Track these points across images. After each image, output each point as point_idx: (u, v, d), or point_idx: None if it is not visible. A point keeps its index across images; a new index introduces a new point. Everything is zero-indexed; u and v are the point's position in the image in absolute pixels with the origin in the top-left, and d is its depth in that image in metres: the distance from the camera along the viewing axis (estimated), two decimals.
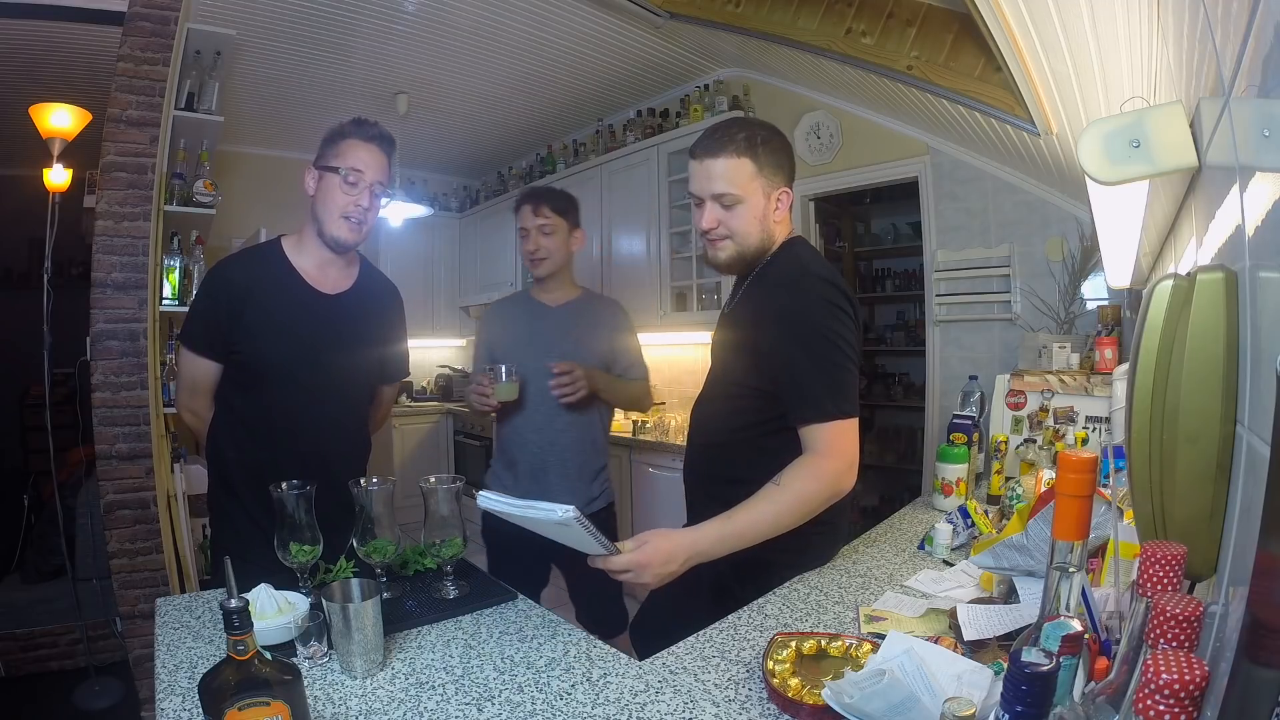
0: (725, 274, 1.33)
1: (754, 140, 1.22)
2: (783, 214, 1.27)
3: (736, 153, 1.20)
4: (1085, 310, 2.56)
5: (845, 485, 1.17)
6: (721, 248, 1.26)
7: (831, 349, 1.16)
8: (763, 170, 1.22)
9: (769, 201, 1.24)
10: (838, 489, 1.16)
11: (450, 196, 5.62)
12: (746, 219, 1.23)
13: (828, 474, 1.14)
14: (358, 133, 1.43)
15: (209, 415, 1.52)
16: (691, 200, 1.29)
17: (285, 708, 0.69)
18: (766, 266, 1.29)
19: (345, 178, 1.39)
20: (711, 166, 1.21)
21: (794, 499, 1.13)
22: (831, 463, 1.14)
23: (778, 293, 1.22)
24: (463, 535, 1.18)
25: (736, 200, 1.22)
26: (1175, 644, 0.42)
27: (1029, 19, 1.51)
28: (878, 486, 4.73)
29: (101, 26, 2.58)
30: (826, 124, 3.38)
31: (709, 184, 1.22)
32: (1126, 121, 0.67)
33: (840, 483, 1.16)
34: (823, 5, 2.51)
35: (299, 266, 1.47)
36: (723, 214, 1.23)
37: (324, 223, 1.42)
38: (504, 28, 3.18)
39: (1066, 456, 0.63)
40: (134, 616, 2.42)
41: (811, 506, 1.14)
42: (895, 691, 0.73)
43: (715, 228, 1.23)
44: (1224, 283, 0.54)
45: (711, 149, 1.22)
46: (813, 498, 1.14)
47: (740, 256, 1.26)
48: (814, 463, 1.14)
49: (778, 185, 1.25)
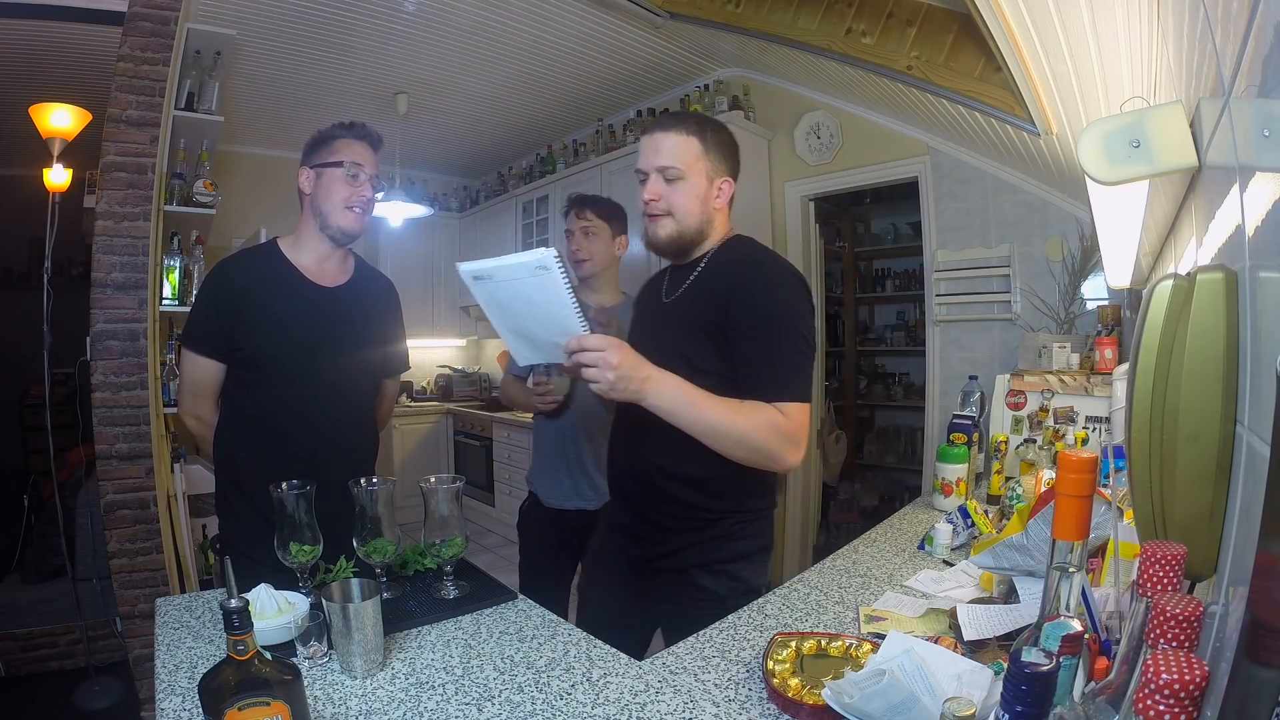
0: (662, 254, 1.34)
1: (704, 124, 1.27)
2: (723, 203, 1.30)
3: (686, 131, 1.24)
4: (1085, 310, 2.56)
5: (790, 457, 1.19)
6: (662, 225, 1.27)
7: (803, 340, 1.21)
8: (709, 153, 1.25)
9: (711, 186, 1.27)
10: (783, 453, 1.18)
11: (450, 196, 5.62)
12: (688, 196, 1.25)
13: (784, 433, 1.16)
14: (350, 132, 1.48)
15: (213, 420, 1.52)
16: (637, 177, 1.31)
17: (285, 708, 0.69)
18: (721, 255, 1.30)
19: (348, 170, 1.44)
20: (660, 140, 1.25)
21: (748, 422, 1.15)
22: (790, 427, 1.17)
23: (752, 280, 1.23)
24: (463, 535, 1.18)
25: (679, 175, 1.24)
26: (1175, 644, 0.42)
27: (1029, 19, 1.51)
28: (878, 486, 4.73)
29: (101, 26, 2.58)
30: (826, 124, 3.38)
31: (655, 157, 1.25)
32: (1126, 121, 0.67)
33: (787, 450, 1.17)
34: (823, 5, 2.51)
35: (298, 264, 1.49)
36: (665, 188, 1.25)
37: (327, 215, 1.45)
38: (504, 28, 3.18)
39: (1066, 456, 0.63)
40: (134, 616, 2.42)
41: (756, 443, 1.16)
42: (895, 691, 0.73)
43: (657, 200, 1.26)
44: (1224, 283, 0.54)
45: (663, 125, 1.27)
46: (762, 438, 1.16)
47: (679, 236, 1.28)
48: (777, 416, 1.16)
49: (722, 173, 1.28)
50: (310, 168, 1.47)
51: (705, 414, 1.14)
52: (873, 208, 4.91)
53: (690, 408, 1.13)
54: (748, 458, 1.18)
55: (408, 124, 4.14)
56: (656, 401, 1.12)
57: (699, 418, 1.14)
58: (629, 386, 1.09)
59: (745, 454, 1.17)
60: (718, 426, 1.14)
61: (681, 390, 1.13)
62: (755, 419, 1.15)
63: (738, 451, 1.17)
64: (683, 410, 1.13)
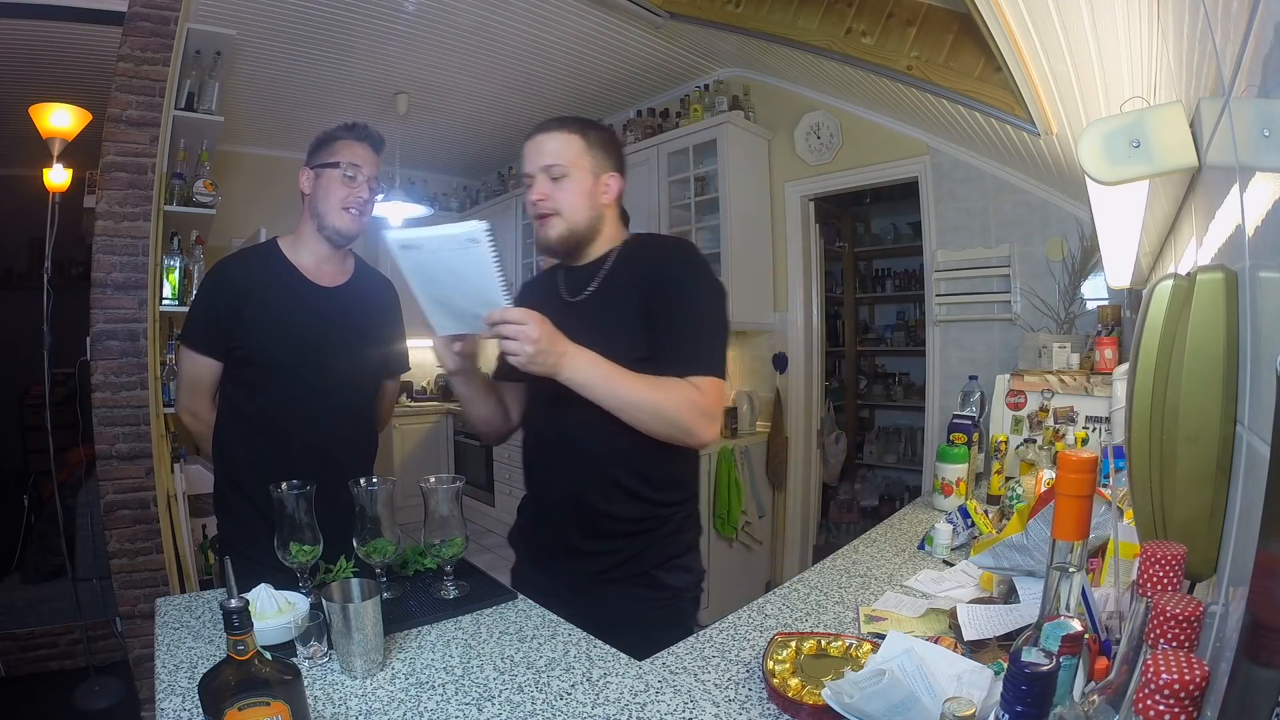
0: (555, 255, 1.34)
1: (584, 123, 1.29)
2: (610, 199, 1.31)
3: (567, 130, 1.26)
4: (1085, 310, 2.56)
5: (704, 431, 1.20)
6: (552, 224, 1.27)
7: (722, 320, 1.27)
8: (591, 149, 1.27)
9: (597, 182, 1.28)
10: (696, 427, 1.19)
11: (450, 196, 5.62)
12: (574, 193, 1.26)
13: (698, 406, 1.19)
14: (350, 133, 1.48)
15: (209, 417, 1.53)
16: (524, 182, 1.31)
17: (285, 708, 0.69)
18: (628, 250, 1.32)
19: (345, 171, 1.44)
20: (543, 142, 1.26)
21: (663, 394, 1.17)
22: (705, 401, 1.19)
23: (673, 266, 1.27)
24: (463, 535, 1.18)
25: (564, 173, 1.25)
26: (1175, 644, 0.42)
27: (1029, 19, 1.51)
28: (878, 486, 4.73)
29: (101, 26, 2.58)
30: (826, 124, 3.38)
31: (539, 158, 1.26)
32: (1126, 121, 0.67)
33: (700, 423, 1.19)
34: (823, 5, 2.51)
35: (297, 263, 1.50)
36: (551, 187, 1.26)
37: (324, 216, 1.46)
38: (504, 28, 3.18)
39: (1066, 456, 0.63)
40: (134, 616, 2.42)
41: (670, 416, 1.18)
42: (895, 691, 0.73)
43: (544, 200, 1.26)
44: (1224, 283, 0.54)
45: (543, 127, 1.28)
46: (676, 410, 1.17)
47: (571, 234, 1.28)
48: (693, 390, 1.19)
49: (607, 168, 1.29)
50: (310, 168, 1.48)
51: (620, 387, 1.15)
52: (873, 208, 4.91)
53: (606, 380, 1.15)
54: (663, 431, 1.19)
55: (408, 124, 4.14)
56: (573, 375, 1.13)
57: (615, 391, 1.15)
58: (546, 360, 1.10)
59: (660, 428, 1.19)
60: (634, 399, 1.16)
61: (597, 365, 1.15)
62: (670, 392, 1.17)
63: (653, 425, 1.18)
64: (599, 383, 1.15)
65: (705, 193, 3.60)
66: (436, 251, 1.08)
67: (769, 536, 3.71)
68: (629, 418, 1.17)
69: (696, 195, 3.63)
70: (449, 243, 1.05)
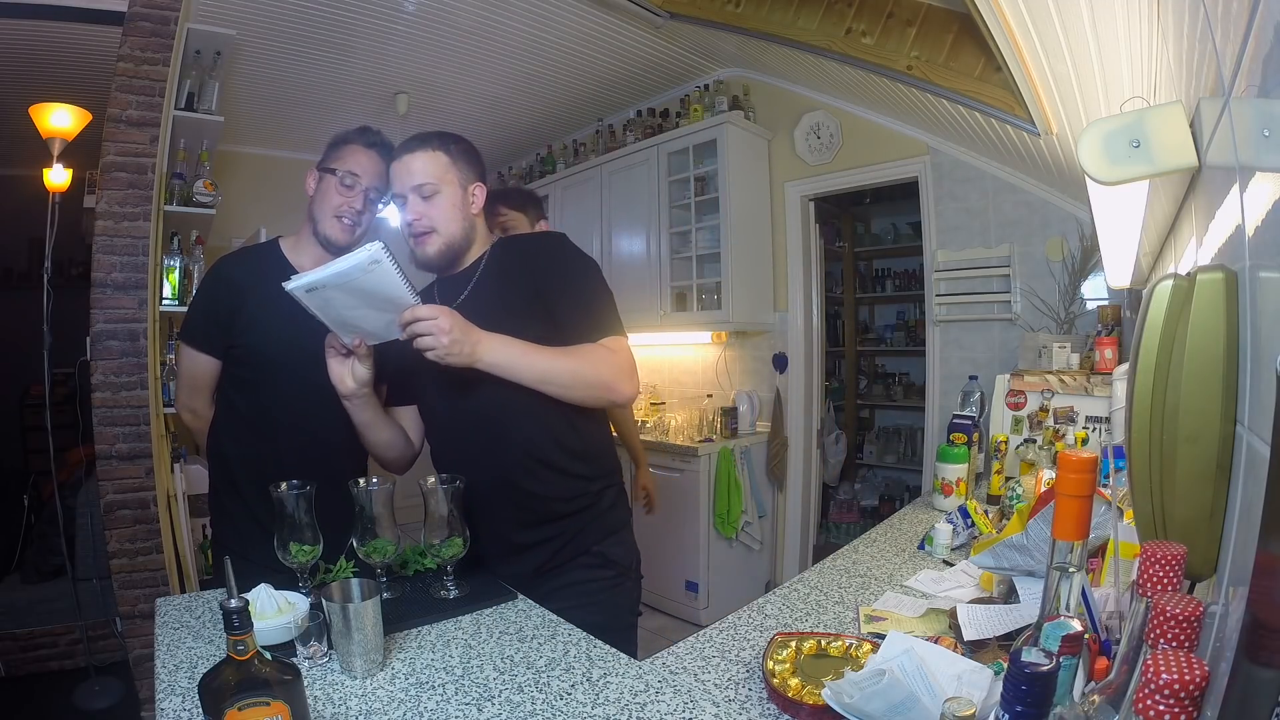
0: (435, 270, 1.36)
1: (445, 138, 1.32)
2: (479, 208, 1.34)
3: (431, 147, 1.29)
4: (1085, 310, 2.56)
5: (626, 387, 1.26)
6: (429, 242, 1.30)
7: (606, 288, 1.32)
8: (456, 163, 1.30)
9: (465, 193, 1.31)
10: (619, 383, 1.25)
11: None
12: (446, 208, 1.29)
13: (616, 363, 1.25)
14: (359, 139, 1.47)
15: (208, 415, 1.53)
16: (396, 204, 1.34)
17: (285, 708, 0.69)
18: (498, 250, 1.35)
19: (342, 180, 1.44)
20: (410, 163, 1.29)
21: (581, 360, 1.22)
22: (620, 359, 1.26)
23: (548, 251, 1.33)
24: (463, 536, 1.18)
25: (435, 190, 1.28)
26: (1175, 644, 0.42)
27: (1029, 19, 1.51)
28: (878, 486, 4.73)
29: (101, 26, 2.58)
30: (826, 124, 3.38)
31: (409, 178, 1.29)
32: (1126, 121, 0.67)
33: (622, 380, 1.25)
34: (823, 5, 2.51)
35: (296, 264, 1.49)
36: (423, 206, 1.28)
37: (319, 221, 1.46)
38: (504, 28, 3.18)
39: (1066, 456, 0.63)
40: (134, 616, 2.42)
41: (592, 378, 1.23)
42: (895, 691, 0.73)
43: (419, 219, 1.29)
44: (1224, 283, 0.54)
45: (408, 147, 1.30)
46: (596, 371, 1.23)
47: (449, 248, 1.31)
48: (606, 351, 1.25)
49: (472, 179, 1.33)
50: (316, 169, 1.48)
51: (540, 361, 1.19)
52: (873, 208, 4.90)
53: (523, 357, 1.19)
54: (587, 395, 1.25)
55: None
56: (492, 359, 1.16)
57: (534, 365, 1.19)
58: (462, 350, 1.13)
59: (584, 393, 1.24)
60: (554, 370, 1.20)
61: (512, 345, 1.18)
62: (587, 356, 1.23)
63: (577, 392, 1.23)
64: (517, 361, 1.18)
65: (705, 193, 3.60)
66: (342, 284, 1.11)
67: (769, 536, 3.71)
68: (552, 389, 1.21)
69: (696, 195, 3.63)
70: (353, 272, 1.09)
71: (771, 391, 3.68)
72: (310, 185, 1.48)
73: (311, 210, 1.47)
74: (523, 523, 1.29)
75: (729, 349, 3.89)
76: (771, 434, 3.65)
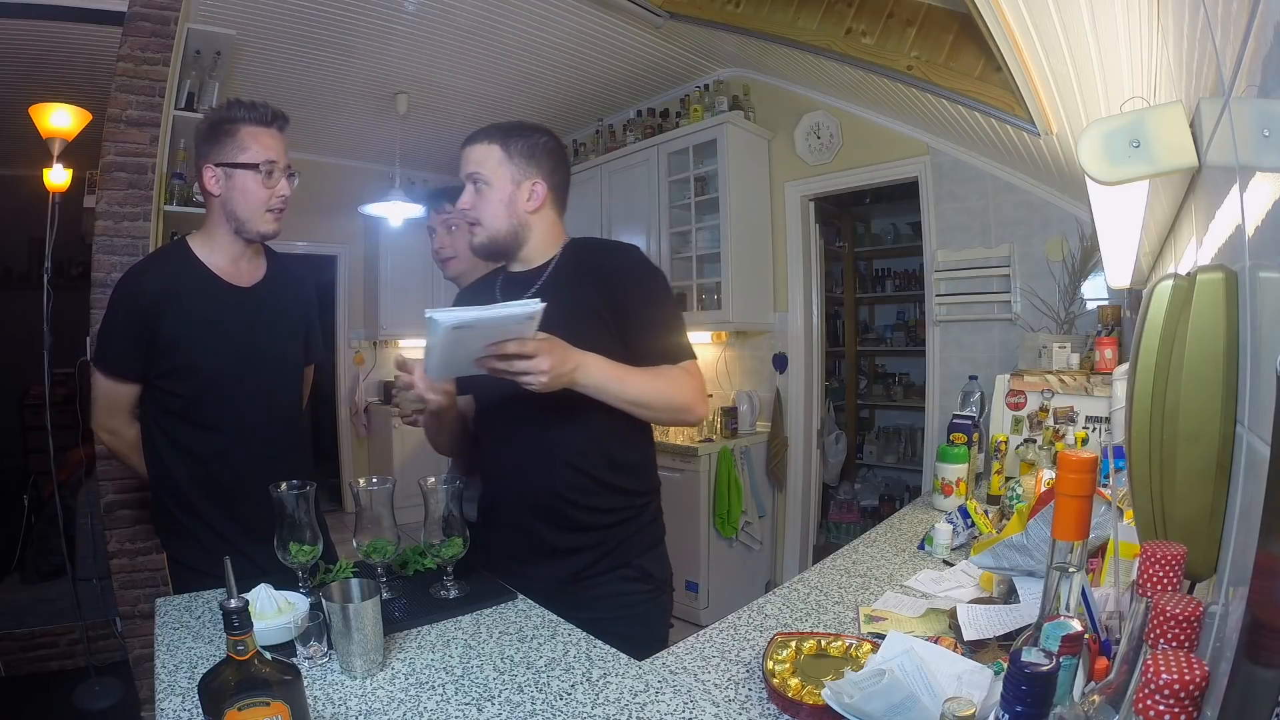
0: (486, 258, 1.36)
1: (507, 131, 1.30)
2: (535, 205, 1.30)
3: (487, 140, 1.29)
4: (1085, 310, 2.56)
5: (702, 408, 1.29)
6: (475, 232, 1.30)
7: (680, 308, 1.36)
8: (512, 159, 1.28)
9: (518, 189, 1.29)
10: (697, 405, 1.28)
11: None
12: (492, 202, 1.28)
13: (696, 386, 1.28)
14: (253, 117, 1.35)
15: (130, 433, 1.45)
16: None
17: (285, 708, 0.69)
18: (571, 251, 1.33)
19: (268, 173, 1.35)
20: (469, 152, 1.30)
21: (668, 383, 1.24)
22: (699, 382, 1.29)
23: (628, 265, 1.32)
24: (463, 536, 1.18)
25: (485, 182, 1.27)
26: (1175, 644, 0.42)
27: (1029, 19, 1.51)
28: (878, 486, 4.73)
29: (101, 26, 2.58)
30: (826, 124, 3.38)
31: (465, 166, 1.30)
32: (1126, 121, 0.67)
33: (699, 401, 1.28)
34: (823, 5, 2.51)
35: (212, 265, 1.41)
36: (474, 196, 1.29)
37: (246, 221, 1.38)
38: (504, 28, 3.18)
39: (1066, 456, 0.63)
40: (134, 616, 2.41)
41: (677, 401, 1.25)
42: (895, 691, 0.73)
43: (469, 208, 1.29)
44: (1224, 283, 0.54)
45: (472, 137, 1.30)
46: (680, 394, 1.25)
47: (492, 241, 1.30)
48: (686, 375, 1.28)
49: (531, 176, 1.29)
50: (216, 165, 1.35)
51: (631, 385, 1.20)
52: (873, 208, 4.90)
53: (618, 381, 1.19)
54: (668, 417, 1.30)
55: (408, 124, 4.14)
56: (587, 381, 1.16)
57: (626, 389, 1.20)
58: (559, 379, 1.12)
59: (667, 414, 1.28)
60: (646, 394, 1.22)
61: (607, 367, 1.18)
62: (674, 380, 1.25)
63: (662, 414, 1.27)
64: (612, 385, 1.19)
65: (705, 193, 3.60)
66: (491, 330, 1.05)
67: (769, 536, 3.71)
68: (639, 411, 1.23)
69: (696, 195, 3.63)
70: (507, 321, 1.04)
71: (771, 391, 3.68)
72: (214, 185, 1.36)
73: (230, 210, 1.37)
74: (564, 528, 1.29)
75: (729, 349, 3.90)
76: (771, 434, 3.65)
